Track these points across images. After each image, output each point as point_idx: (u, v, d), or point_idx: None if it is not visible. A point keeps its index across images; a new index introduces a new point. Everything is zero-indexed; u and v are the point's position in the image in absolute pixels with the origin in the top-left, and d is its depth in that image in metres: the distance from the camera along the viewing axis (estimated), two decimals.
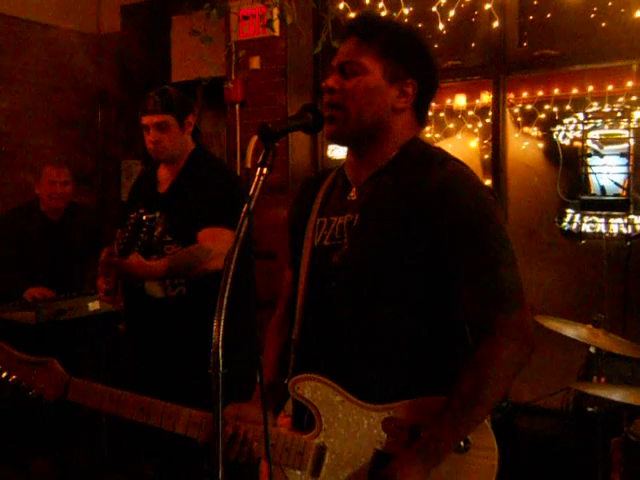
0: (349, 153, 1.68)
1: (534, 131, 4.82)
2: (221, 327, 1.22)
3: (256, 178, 1.34)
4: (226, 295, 1.24)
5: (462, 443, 1.46)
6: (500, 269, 1.47)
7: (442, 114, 4.88)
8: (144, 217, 2.54)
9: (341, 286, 1.58)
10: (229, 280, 1.24)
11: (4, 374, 1.76)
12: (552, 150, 4.48)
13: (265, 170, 1.35)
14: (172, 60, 5.42)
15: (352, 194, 1.63)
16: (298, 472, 1.53)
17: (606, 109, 4.11)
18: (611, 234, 3.93)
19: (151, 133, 2.77)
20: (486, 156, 4.67)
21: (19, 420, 3.67)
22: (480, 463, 1.46)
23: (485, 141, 4.75)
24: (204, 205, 2.65)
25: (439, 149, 1.67)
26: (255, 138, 1.33)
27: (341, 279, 1.58)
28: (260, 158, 1.35)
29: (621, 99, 4.50)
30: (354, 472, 1.50)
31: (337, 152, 5.40)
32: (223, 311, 1.22)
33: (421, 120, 1.66)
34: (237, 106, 4.76)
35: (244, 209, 1.32)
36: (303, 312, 1.65)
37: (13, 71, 4.86)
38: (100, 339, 3.57)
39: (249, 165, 1.28)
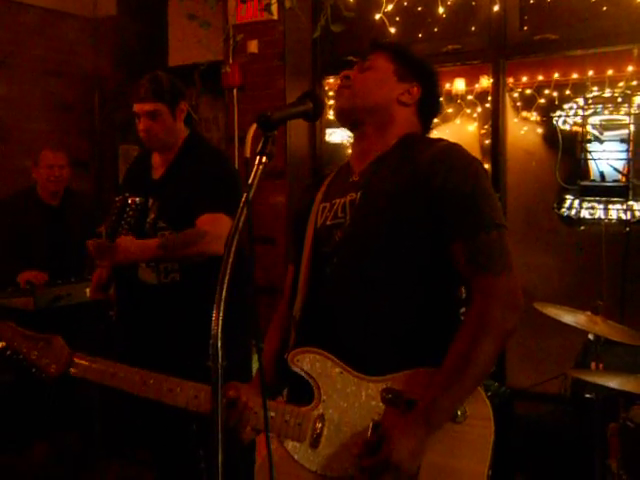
0: (353, 143, 1.81)
1: (533, 116, 4.80)
2: (220, 318, 1.20)
3: (255, 167, 1.33)
4: (225, 286, 1.22)
5: (459, 412, 1.48)
6: (491, 233, 1.54)
7: (441, 99, 4.84)
8: (129, 200, 2.54)
9: (342, 261, 1.63)
10: (228, 271, 1.23)
11: (9, 351, 1.79)
12: (551, 135, 4.46)
13: (264, 159, 1.34)
14: (169, 44, 5.38)
15: (354, 177, 1.73)
16: (297, 444, 1.55)
17: (606, 94, 4.09)
18: (610, 220, 3.93)
19: (142, 121, 2.74)
20: (486, 141, 4.64)
21: (15, 406, 3.68)
22: (477, 433, 1.48)
23: (485, 126, 4.72)
24: (201, 192, 2.64)
25: (436, 137, 1.77)
26: (254, 126, 1.31)
27: (342, 254, 1.63)
28: (259, 147, 1.34)
29: (621, 84, 4.48)
30: (352, 442, 1.51)
31: (335, 136, 5.37)
32: (222, 302, 1.20)
33: (424, 124, 1.83)
34: (235, 90, 4.72)
35: (243, 198, 1.30)
36: (305, 290, 1.69)
37: (9, 56, 4.82)
38: (95, 325, 3.57)
39: (248, 154, 1.26)
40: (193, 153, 2.81)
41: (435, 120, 1.92)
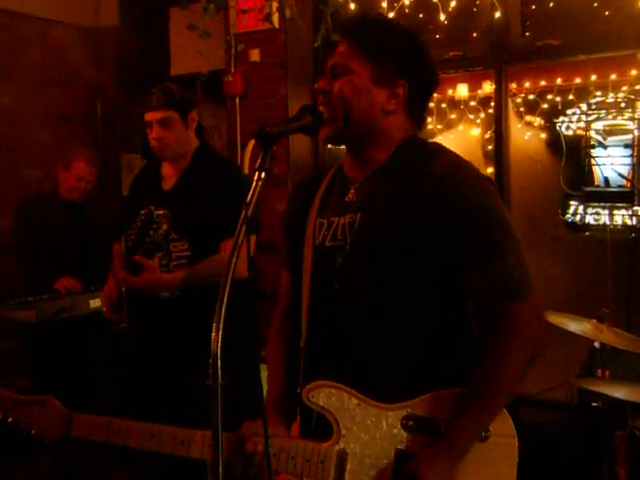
0: (347, 153, 1.69)
1: (536, 121, 4.78)
2: (219, 336, 1.19)
3: (254, 183, 1.31)
4: (224, 304, 1.21)
5: (482, 432, 1.45)
6: (507, 257, 1.47)
7: (444, 105, 4.84)
8: (155, 214, 2.53)
9: (345, 288, 1.57)
10: (227, 289, 1.22)
11: (0, 416, 1.70)
12: (555, 141, 4.44)
13: (263, 175, 1.32)
14: (171, 53, 5.38)
15: (350, 195, 1.63)
16: None
17: (610, 99, 4.07)
18: (615, 226, 3.91)
19: (154, 130, 2.73)
20: (489, 147, 4.63)
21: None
22: (501, 450, 1.46)
23: (488, 132, 4.71)
24: (223, 213, 2.61)
25: (434, 143, 1.68)
26: (253, 142, 1.30)
27: (344, 280, 1.57)
28: (258, 162, 1.32)
29: (625, 88, 4.46)
30: (378, 475, 1.47)
31: None
32: (222, 321, 1.19)
33: (417, 120, 1.67)
34: (237, 99, 4.72)
35: (242, 215, 1.29)
36: (309, 316, 1.64)
37: (11, 66, 4.82)
38: (99, 338, 3.56)
39: (247, 170, 1.25)
40: (205, 164, 2.80)
41: (439, 126, 1.84)
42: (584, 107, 4.11)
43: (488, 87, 4.62)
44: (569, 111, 4.26)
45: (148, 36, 5.46)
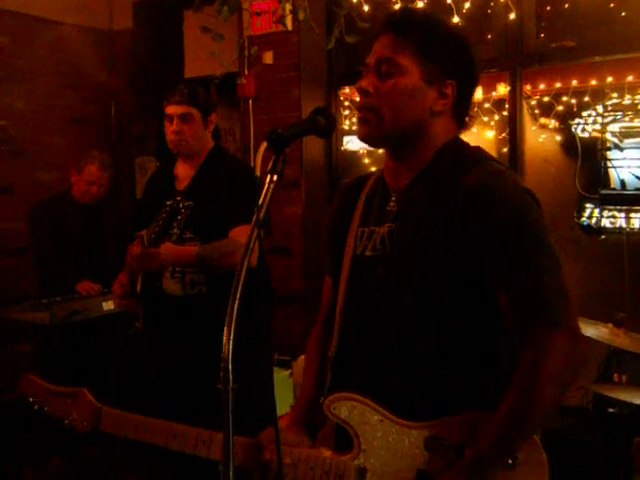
0: (387, 158, 1.61)
1: (551, 123, 4.74)
2: (231, 339, 1.17)
3: (265, 186, 1.29)
4: (236, 306, 1.19)
5: (510, 460, 1.39)
6: (543, 278, 1.36)
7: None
8: (181, 204, 2.53)
9: (385, 298, 1.51)
10: (239, 293, 1.20)
11: (37, 406, 1.75)
12: (570, 143, 4.40)
13: (275, 178, 1.30)
14: (185, 56, 5.38)
15: (391, 204, 1.56)
16: None
17: (626, 101, 4.03)
18: (632, 229, 3.86)
19: (175, 123, 2.77)
20: (503, 149, 4.59)
21: (33, 418, 3.67)
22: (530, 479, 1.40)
23: (502, 134, 4.67)
24: (235, 203, 2.64)
25: (477, 148, 1.58)
26: (264, 145, 1.28)
27: (384, 290, 1.51)
28: (270, 165, 1.31)
29: None
30: None
31: (352, 144, 5.34)
32: (233, 322, 1.17)
33: (461, 122, 1.58)
34: (250, 101, 4.72)
35: (254, 219, 1.27)
36: (341, 327, 1.59)
37: (25, 70, 4.84)
38: (114, 339, 3.56)
39: (258, 173, 1.23)
40: (219, 164, 2.83)
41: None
42: (600, 109, 4.07)
43: (502, 89, 4.59)
44: (585, 113, 4.23)
45: (162, 39, 5.48)
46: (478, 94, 4.73)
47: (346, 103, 5.25)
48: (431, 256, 1.44)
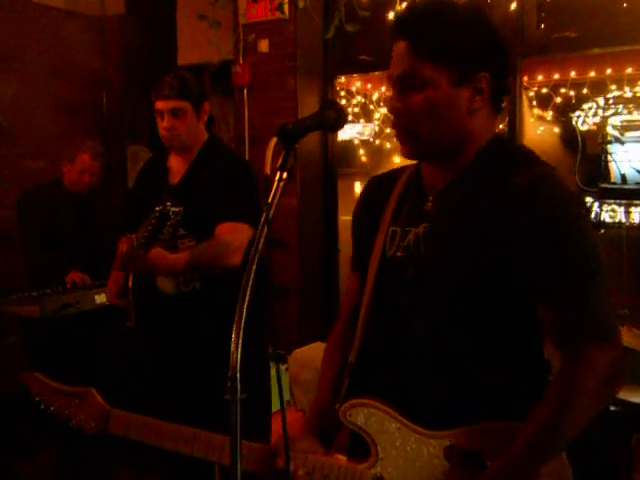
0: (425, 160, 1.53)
1: (549, 115, 4.70)
2: (239, 348, 1.11)
3: (275, 184, 1.23)
4: (244, 313, 1.13)
5: (533, 476, 1.34)
6: (590, 293, 1.31)
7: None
8: (171, 211, 2.46)
9: (415, 300, 1.45)
10: (247, 297, 1.14)
11: (42, 405, 1.70)
12: (569, 136, 4.36)
13: (285, 175, 1.24)
14: (178, 43, 5.29)
15: (428, 204, 1.48)
16: None
17: (628, 94, 3.98)
18: (632, 224, 3.83)
19: (166, 119, 2.65)
20: None
21: (27, 411, 3.62)
22: None
23: (500, 125, 4.62)
24: (222, 199, 2.56)
25: (524, 149, 1.50)
26: (274, 140, 1.21)
27: (416, 293, 1.45)
28: (279, 162, 1.24)
29: None
30: None
31: (347, 134, 5.28)
32: (241, 331, 1.11)
33: (498, 109, 1.48)
34: (245, 90, 4.65)
35: (263, 217, 1.21)
36: (365, 329, 1.53)
37: (15, 56, 4.74)
38: (106, 332, 3.50)
39: (268, 171, 1.17)
40: (214, 157, 2.73)
41: None
42: (601, 102, 4.02)
43: None
44: (585, 105, 4.18)
45: (154, 25, 5.38)
46: None
47: (342, 93, 5.19)
48: (469, 259, 1.38)
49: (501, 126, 4.56)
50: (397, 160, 5.66)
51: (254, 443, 1.46)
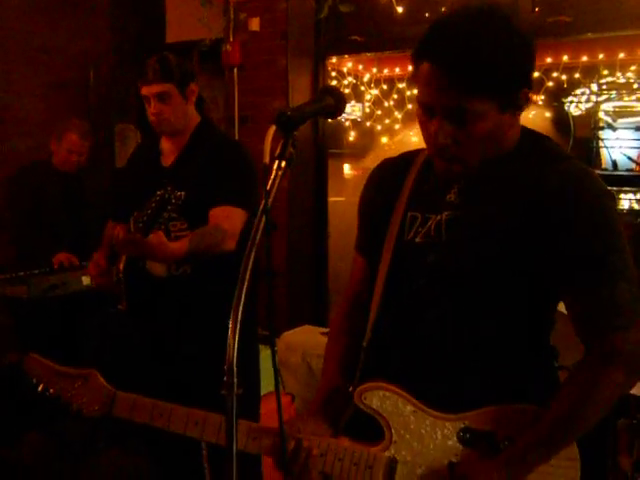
0: None
1: (541, 100, 4.68)
2: (236, 342, 1.09)
3: (274, 172, 1.20)
4: (241, 307, 1.11)
5: (550, 459, 1.36)
6: (618, 284, 1.33)
7: None
8: (173, 195, 2.42)
9: (433, 286, 1.45)
10: (244, 290, 1.12)
11: (41, 387, 1.64)
12: (561, 121, 4.34)
13: (284, 163, 1.20)
14: (166, 20, 5.21)
15: (452, 194, 1.47)
16: None
17: (621, 80, 3.97)
18: (622, 210, 3.83)
19: (152, 104, 2.62)
20: None
21: (11, 394, 3.60)
22: (562, 474, 1.37)
23: None
24: (215, 182, 2.53)
25: (553, 144, 1.49)
26: (273, 128, 1.18)
27: (435, 279, 1.45)
28: (278, 150, 1.21)
29: (633, 68, 4.37)
30: None
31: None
32: (238, 324, 1.09)
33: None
34: (235, 70, 4.58)
35: (261, 207, 1.18)
36: (379, 312, 1.53)
37: (1, 35, 4.64)
38: (94, 314, 3.47)
39: (267, 159, 1.14)
40: (206, 140, 2.69)
41: None
42: (594, 87, 4.01)
43: None
44: (578, 91, 4.17)
45: (143, 1, 5.29)
46: None
47: (333, 74, 5.14)
48: (493, 248, 1.39)
49: None
50: (384, 140, 5.65)
51: (265, 426, 1.45)
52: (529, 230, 1.36)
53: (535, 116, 4.58)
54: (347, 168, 5.85)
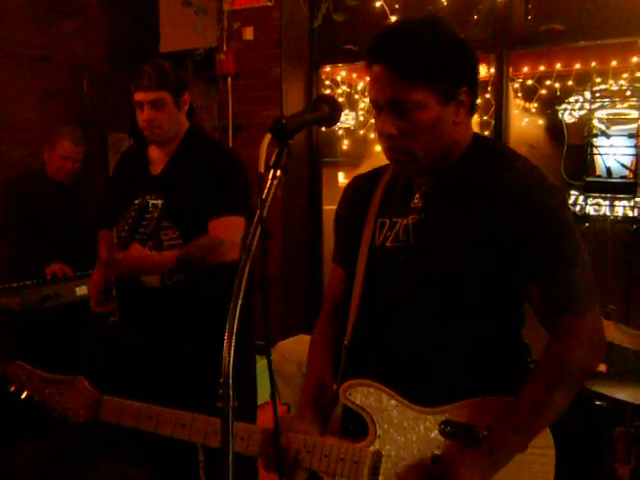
0: None
1: (534, 107, 4.70)
2: (231, 355, 1.08)
3: (269, 182, 1.19)
4: (237, 319, 1.10)
5: (526, 446, 1.42)
6: (572, 270, 1.42)
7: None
8: (150, 203, 2.40)
9: (405, 287, 1.53)
10: (240, 301, 1.11)
11: (25, 393, 1.66)
12: (555, 128, 4.35)
13: (279, 172, 1.20)
14: (160, 29, 5.20)
15: (416, 200, 1.56)
16: None
17: (614, 87, 3.98)
18: (616, 217, 3.84)
19: (145, 111, 2.59)
20: (485, 132, 4.53)
21: (9, 402, 3.57)
22: (538, 462, 1.43)
23: (484, 117, 4.60)
24: (211, 191, 2.51)
25: (506, 147, 1.62)
26: (268, 136, 1.18)
27: (407, 279, 1.53)
28: (273, 159, 1.20)
29: (625, 75, 4.38)
30: (412, 478, 1.45)
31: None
32: (234, 337, 1.08)
33: (473, 111, 1.56)
34: (229, 79, 4.58)
35: (256, 216, 1.17)
36: (358, 315, 1.60)
37: None
38: (88, 326, 3.44)
39: (262, 169, 1.13)
40: (196, 147, 2.67)
41: None
42: (587, 95, 4.02)
43: (484, 71, 4.51)
44: (572, 98, 4.17)
45: (137, 11, 5.28)
46: None
47: (327, 82, 5.14)
48: (460, 246, 1.46)
49: (485, 117, 4.56)
50: (378, 148, 5.65)
51: (253, 425, 1.49)
52: (486, 228, 1.44)
53: (529, 124, 4.60)
54: (341, 176, 5.85)
